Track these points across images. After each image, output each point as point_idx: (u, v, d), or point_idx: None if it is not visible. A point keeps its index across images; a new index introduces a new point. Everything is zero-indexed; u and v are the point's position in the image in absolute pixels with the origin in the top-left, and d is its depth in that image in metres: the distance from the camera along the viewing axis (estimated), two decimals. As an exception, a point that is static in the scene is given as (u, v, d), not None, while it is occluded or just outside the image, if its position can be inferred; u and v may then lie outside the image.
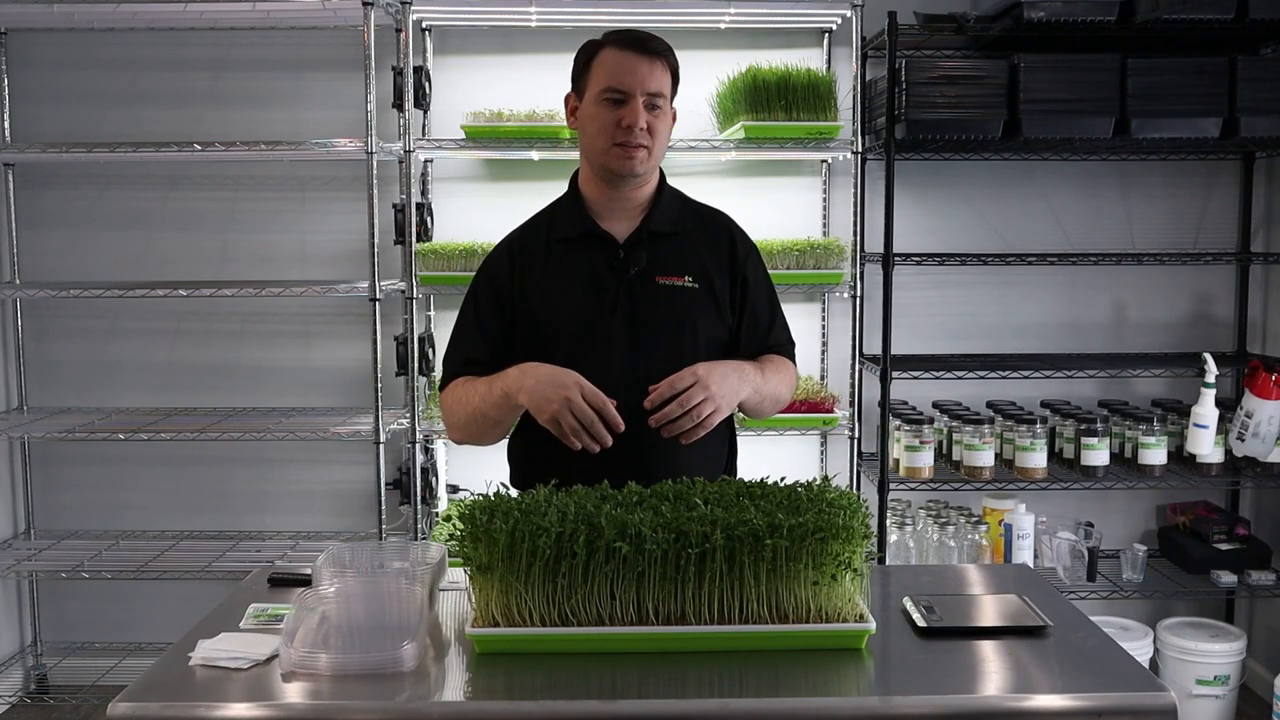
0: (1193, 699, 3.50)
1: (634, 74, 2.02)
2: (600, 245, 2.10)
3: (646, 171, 2.08)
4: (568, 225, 2.14)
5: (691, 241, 2.13)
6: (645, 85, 2.02)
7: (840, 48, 3.72)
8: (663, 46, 2.06)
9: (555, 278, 2.10)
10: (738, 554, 1.58)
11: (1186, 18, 3.26)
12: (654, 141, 2.05)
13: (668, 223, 2.12)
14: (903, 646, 1.67)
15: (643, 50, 2.03)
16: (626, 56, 2.03)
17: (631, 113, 2.01)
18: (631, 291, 2.07)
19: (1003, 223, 3.84)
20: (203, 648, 1.64)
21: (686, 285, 2.08)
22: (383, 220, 3.51)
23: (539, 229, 2.18)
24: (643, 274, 2.07)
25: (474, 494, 1.95)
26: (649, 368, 2.01)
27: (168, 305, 3.83)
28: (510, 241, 2.19)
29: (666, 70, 2.05)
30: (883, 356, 3.47)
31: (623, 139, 2.02)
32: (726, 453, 2.22)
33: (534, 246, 2.15)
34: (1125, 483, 3.53)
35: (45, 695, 3.83)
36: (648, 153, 2.05)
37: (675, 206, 2.17)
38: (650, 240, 2.10)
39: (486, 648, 1.62)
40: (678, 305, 2.07)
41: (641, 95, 2.02)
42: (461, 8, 3.56)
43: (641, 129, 2.01)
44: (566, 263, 2.10)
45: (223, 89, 3.77)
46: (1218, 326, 3.91)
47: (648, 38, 2.06)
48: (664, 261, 2.09)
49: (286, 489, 3.90)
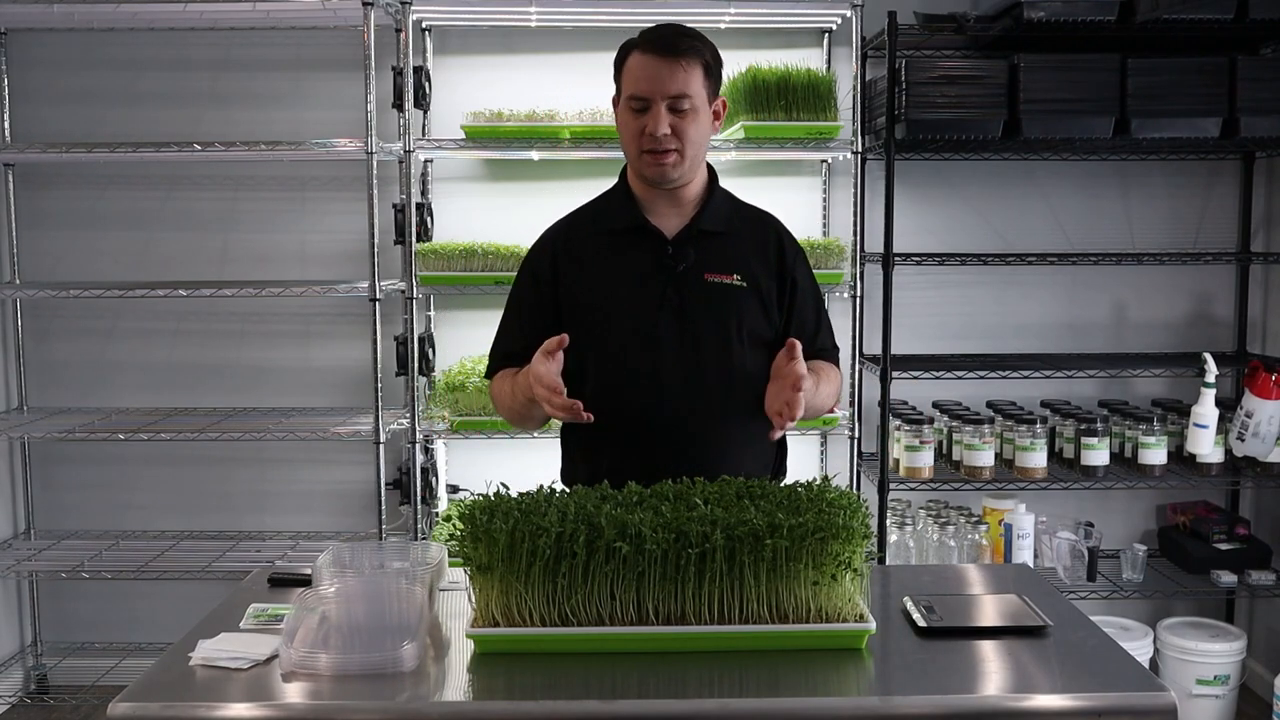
0: (1193, 699, 3.50)
1: (655, 80, 2.00)
2: (650, 240, 2.09)
3: (681, 175, 2.06)
4: (617, 218, 2.12)
5: (740, 241, 2.12)
6: (667, 89, 1.99)
7: (840, 48, 3.72)
8: (689, 45, 2.02)
9: (604, 270, 2.09)
10: (738, 554, 1.58)
11: (1186, 18, 3.26)
12: (684, 144, 2.01)
13: (718, 222, 2.11)
14: (903, 646, 1.67)
15: (666, 53, 2.00)
16: (649, 61, 2.01)
17: (654, 120, 1.99)
18: (680, 288, 2.06)
19: (1003, 223, 3.84)
20: (203, 648, 1.64)
21: (735, 284, 2.07)
22: (383, 220, 3.51)
23: (587, 220, 2.17)
24: (691, 271, 2.06)
25: (474, 494, 1.95)
26: (697, 364, 2.03)
27: (168, 305, 3.83)
28: (554, 234, 2.18)
29: (695, 67, 2.01)
30: (883, 356, 3.47)
31: (649, 146, 2.01)
32: (776, 452, 2.21)
33: (581, 238, 2.14)
34: (1125, 483, 3.53)
35: (45, 695, 3.83)
36: (679, 156, 2.02)
37: (726, 206, 2.16)
38: (699, 238, 2.09)
39: (486, 648, 1.62)
40: (726, 303, 2.06)
41: (664, 100, 1.99)
42: (461, 8, 3.56)
43: (666, 134, 1.99)
44: (615, 256, 2.10)
45: (223, 89, 3.77)
46: (1218, 326, 3.91)
47: (675, 37, 2.03)
48: (713, 259, 2.08)
49: (286, 489, 3.90)
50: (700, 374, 2.02)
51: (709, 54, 2.05)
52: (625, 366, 2.02)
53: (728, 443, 2.05)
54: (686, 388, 2.01)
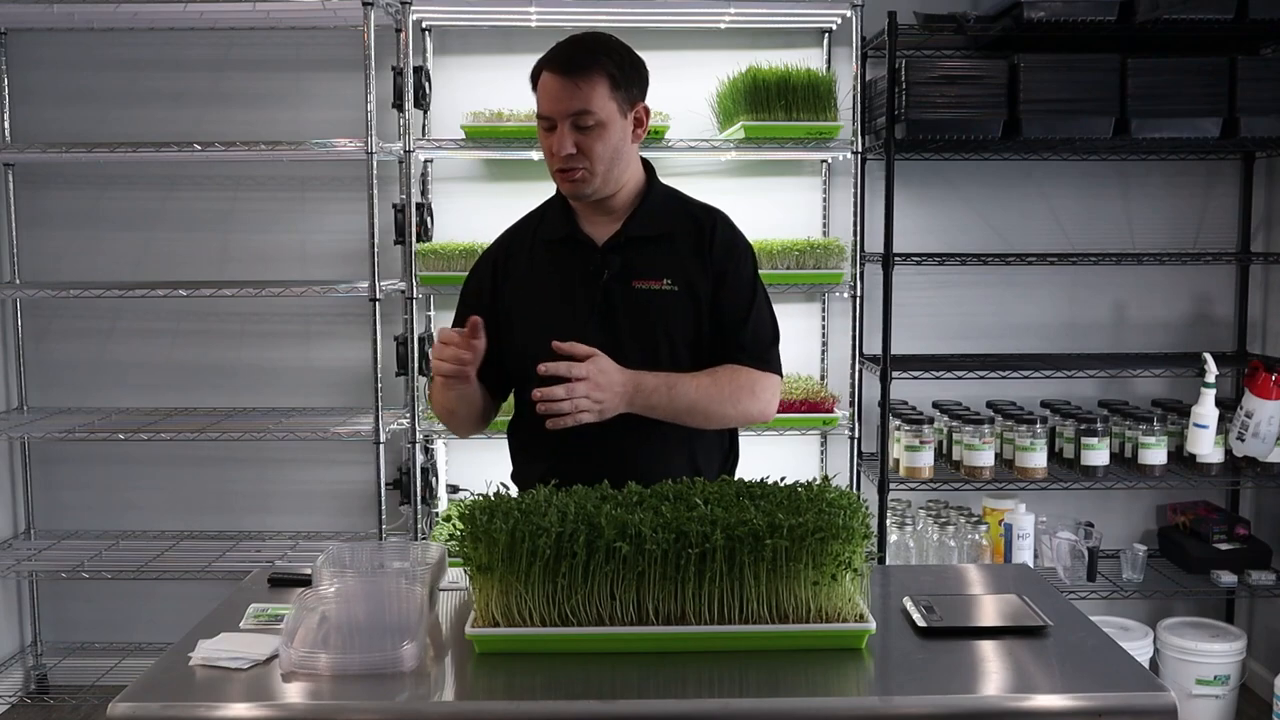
0: (1193, 699, 3.50)
1: (555, 99, 1.98)
2: (581, 250, 2.09)
3: (595, 190, 2.04)
4: (553, 228, 2.13)
5: (676, 244, 2.09)
6: (569, 107, 1.96)
7: (840, 48, 3.72)
8: (587, 60, 1.98)
9: (535, 280, 2.11)
10: (738, 554, 1.58)
11: (1186, 18, 3.26)
12: (592, 160, 1.99)
13: (651, 226, 2.09)
14: (903, 646, 1.67)
15: (564, 71, 1.98)
16: (550, 80, 1.99)
17: (558, 140, 1.98)
18: (608, 296, 2.06)
19: (1003, 223, 3.84)
20: (203, 648, 1.64)
21: (665, 289, 2.05)
22: (383, 220, 3.51)
23: (528, 229, 2.19)
24: (618, 279, 2.06)
25: (474, 494, 1.95)
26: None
27: (168, 305, 3.83)
28: (498, 245, 2.20)
29: (598, 82, 1.97)
30: (883, 356, 3.47)
31: (557, 166, 2.01)
32: (723, 453, 2.20)
33: (520, 248, 2.16)
34: (1125, 483, 3.53)
35: (45, 695, 3.83)
36: (587, 173, 2.00)
37: (663, 209, 2.13)
38: (629, 245, 2.07)
39: (486, 648, 1.62)
40: (652, 309, 2.05)
41: (567, 119, 1.97)
42: (461, 8, 3.56)
43: (570, 154, 1.98)
44: (548, 265, 2.11)
45: (223, 89, 3.77)
46: (1218, 326, 3.91)
47: (573, 53, 2.00)
48: (642, 266, 2.06)
49: (286, 489, 3.90)
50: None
51: (613, 65, 2.00)
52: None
53: (662, 444, 2.04)
54: None
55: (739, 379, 2.05)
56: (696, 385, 2.01)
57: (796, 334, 3.85)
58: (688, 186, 2.27)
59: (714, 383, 2.03)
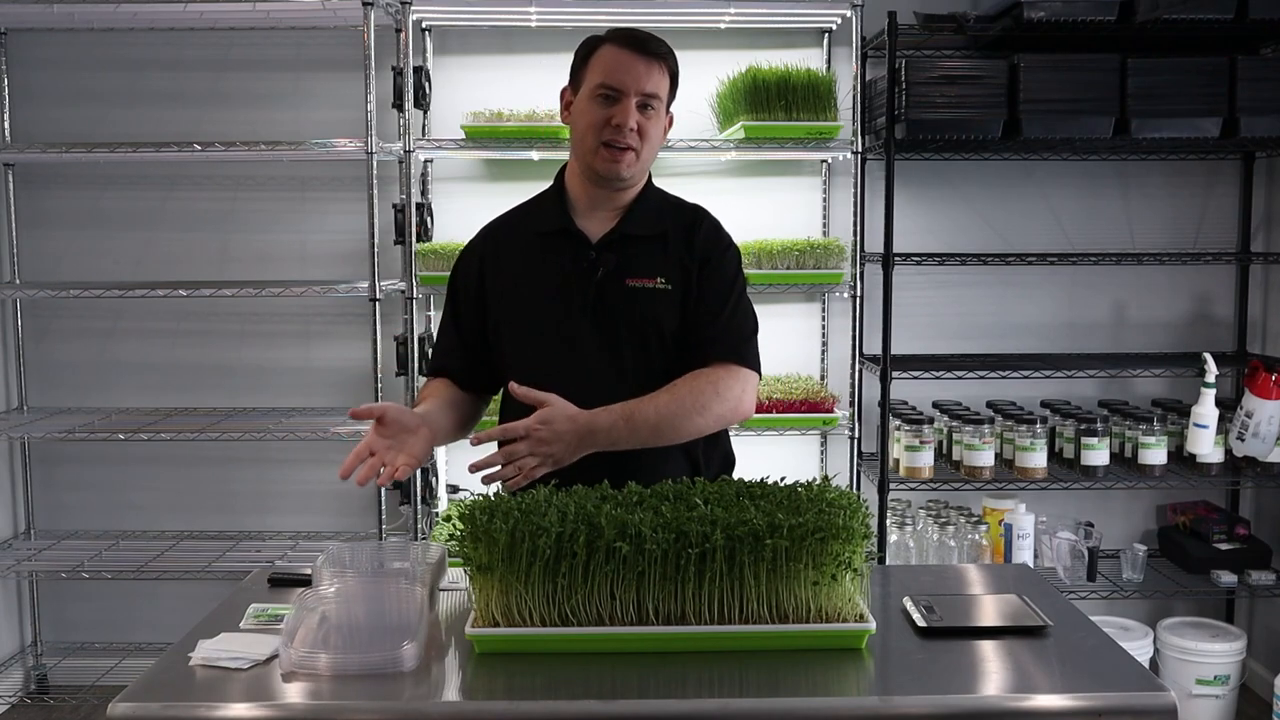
0: (1193, 699, 3.50)
1: (630, 72, 1.99)
2: (574, 244, 2.08)
3: (633, 176, 2.05)
4: (546, 220, 2.12)
5: (668, 243, 2.09)
6: (641, 85, 1.99)
7: (840, 48, 3.72)
8: (663, 49, 2.04)
9: (528, 273, 2.10)
10: (738, 554, 1.58)
11: (1186, 18, 3.26)
12: (644, 144, 2.02)
13: (646, 225, 2.09)
14: (903, 646, 1.67)
15: (642, 50, 2.01)
16: (625, 54, 2.01)
17: (623, 111, 1.99)
18: (602, 292, 2.05)
19: (1003, 223, 3.84)
20: (203, 648, 1.64)
21: (658, 287, 2.05)
22: (383, 220, 3.51)
23: (517, 222, 2.18)
24: (612, 276, 2.05)
25: (474, 494, 1.95)
26: (618, 368, 2.03)
27: (168, 305, 3.83)
28: (482, 238, 2.19)
29: (665, 73, 2.03)
30: (883, 356, 3.47)
31: (610, 138, 2.00)
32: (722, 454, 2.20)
33: (509, 239, 2.15)
34: (1125, 483, 3.53)
35: (45, 695, 3.83)
36: (635, 155, 2.02)
37: (656, 207, 2.13)
38: (624, 242, 2.07)
39: (486, 648, 1.62)
40: (645, 307, 2.05)
41: (635, 95, 1.99)
42: (461, 8, 3.57)
43: (632, 129, 1.99)
44: (540, 258, 2.10)
45: (223, 89, 3.77)
46: (1218, 326, 3.91)
47: (649, 38, 2.04)
48: (636, 263, 2.06)
49: (287, 489, 3.90)
50: (621, 378, 2.01)
51: (674, 64, 2.07)
52: (547, 370, 1.99)
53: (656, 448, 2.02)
54: (607, 392, 1.97)
55: (699, 385, 2.00)
56: (656, 407, 1.96)
57: (796, 334, 3.85)
58: (688, 186, 2.28)
59: (674, 398, 1.98)
